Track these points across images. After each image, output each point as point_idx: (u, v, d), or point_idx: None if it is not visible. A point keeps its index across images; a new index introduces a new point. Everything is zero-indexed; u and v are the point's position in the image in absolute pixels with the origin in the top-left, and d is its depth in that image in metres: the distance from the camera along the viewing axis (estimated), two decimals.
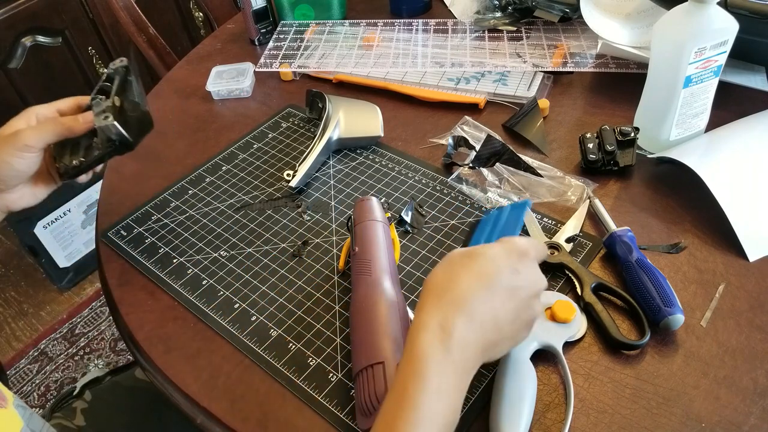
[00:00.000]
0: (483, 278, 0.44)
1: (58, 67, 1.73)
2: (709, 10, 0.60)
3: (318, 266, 0.64)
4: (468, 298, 0.43)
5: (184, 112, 0.90)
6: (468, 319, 0.43)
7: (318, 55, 0.94)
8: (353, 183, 0.73)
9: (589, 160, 0.69)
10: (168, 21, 1.95)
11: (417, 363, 0.41)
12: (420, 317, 0.43)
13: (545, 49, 0.89)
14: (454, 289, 0.44)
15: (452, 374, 0.41)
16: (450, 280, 0.45)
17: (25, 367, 1.56)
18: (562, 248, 0.60)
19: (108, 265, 0.67)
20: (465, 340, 0.42)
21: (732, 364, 0.51)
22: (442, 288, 0.44)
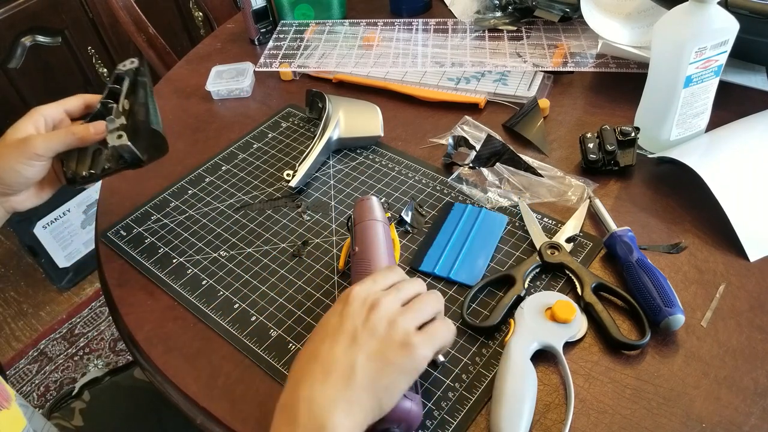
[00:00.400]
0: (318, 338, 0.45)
1: (57, 67, 1.73)
2: (710, 10, 0.60)
3: (318, 266, 0.64)
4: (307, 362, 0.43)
5: (183, 111, 0.90)
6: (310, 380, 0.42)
7: (318, 55, 0.94)
8: (353, 183, 0.73)
9: (590, 160, 0.68)
10: (168, 21, 1.95)
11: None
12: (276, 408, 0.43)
13: (545, 49, 0.89)
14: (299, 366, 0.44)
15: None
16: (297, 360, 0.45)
17: (24, 367, 1.56)
18: (562, 248, 0.60)
19: (108, 265, 0.67)
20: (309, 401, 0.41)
21: (732, 365, 0.51)
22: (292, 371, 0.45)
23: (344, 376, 0.42)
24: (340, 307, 0.46)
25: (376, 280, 0.48)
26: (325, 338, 0.44)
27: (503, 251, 0.63)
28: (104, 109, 0.64)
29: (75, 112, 0.64)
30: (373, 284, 0.47)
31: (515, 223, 0.65)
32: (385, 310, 0.45)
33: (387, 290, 0.47)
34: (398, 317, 0.44)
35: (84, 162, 0.62)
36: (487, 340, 0.55)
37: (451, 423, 0.49)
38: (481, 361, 0.53)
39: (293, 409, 0.41)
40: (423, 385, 0.52)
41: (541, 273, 0.60)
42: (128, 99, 0.65)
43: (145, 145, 0.62)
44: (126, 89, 0.65)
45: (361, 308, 0.45)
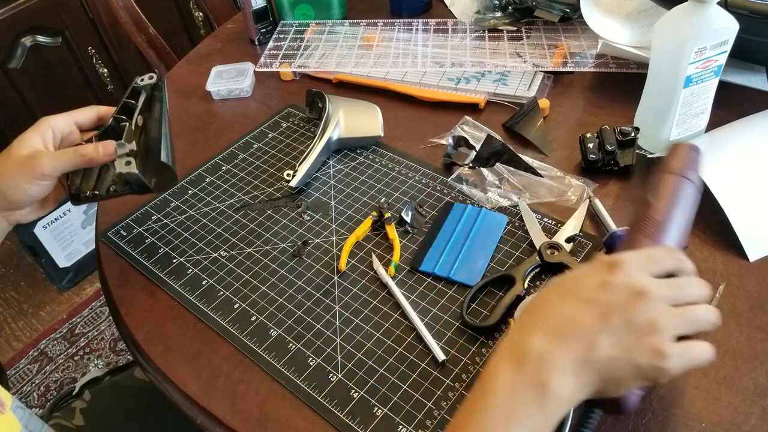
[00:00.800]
0: (565, 293, 0.42)
1: (58, 67, 1.73)
2: (710, 10, 0.60)
3: (318, 266, 0.64)
4: (546, 312, 0.41)
5: (184, 111, 0.90)
6: (547, 334, 0.39)
7: (318, 55, 0.94)
8: (353, 183, 0.73)
9: (590, 160, 0.68)
10: (168, 21, 1.95)
11: (485, 381, 0.39)
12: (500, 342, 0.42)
13: (545, 49, 0.89)
14: (535, 310, 0.42)
15: (526, 389, 0.38)
16: (534, 305, 0.43)
17: (25, 367, 1.56)
18: (562, 248, 0.60)
19: (108, 265, 0.67)
20: (543, 355, 0.39)
21: (732, 364, 0.51)
22: (526, 314, 0.43)
23: (583, 349, 0.39)
24: (604, 272, 0.41)
25: (656, 259, 0.42)
26: (575, 299, 0.41)
27: (503, 251, 0.63)
28: (116, 124, 0.63)
29: (86, 124, 0.62)
30: (650, 263, 0.42)
31: (515, 223, 0.65)
32: (652, 308, 0.39)
33: (663, 281, 0.41)
34: (662, 320, 0.39)
35: (89, 178, 0.61)
36: (487, 340, 0.55)
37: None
38: (481, 361, 0.53)
39: (523, 353, 0.39)
40: None
41: (540, 273, 0.60)
42: (142, 115, 0.64)
43: (153, 173, 0.61)
44: (141, 105, 0.64)
45: (627, 290, 0.40)
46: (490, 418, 0.37)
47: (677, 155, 0.52)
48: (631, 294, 0.40)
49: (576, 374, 0.38)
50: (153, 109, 0.65)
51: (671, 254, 0.43)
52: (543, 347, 0.39)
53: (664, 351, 0.38)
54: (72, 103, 1.91)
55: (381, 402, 0.51)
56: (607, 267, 0.41)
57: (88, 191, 0.61)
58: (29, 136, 0.57)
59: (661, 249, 0.43)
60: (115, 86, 1.90)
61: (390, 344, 0.56)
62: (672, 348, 0.39)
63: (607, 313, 0.39)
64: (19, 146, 0.56)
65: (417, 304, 0.59)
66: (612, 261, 0.41)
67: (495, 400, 0.38)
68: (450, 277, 0.60)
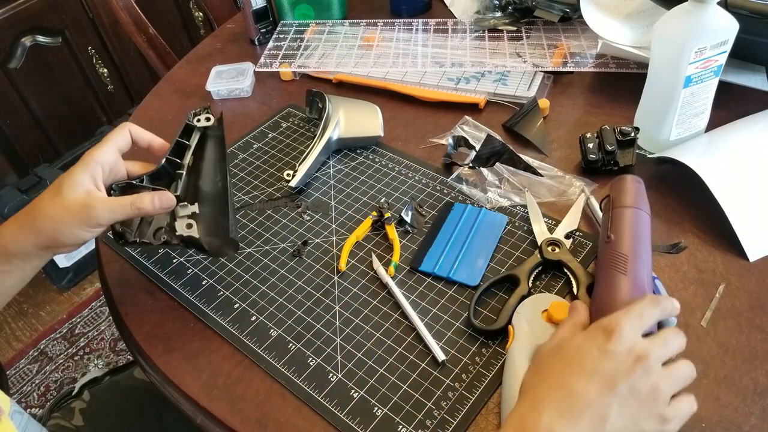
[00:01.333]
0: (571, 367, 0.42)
1: (58, 67, 1.73)
2: (709, 10, 0.60)
3: (318, 266, 0.64)
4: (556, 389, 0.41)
5: (184, 112, 0.89)
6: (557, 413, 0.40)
7: (318, 55, 0.94)
8: (353, 183, 0.73)
9: (590, 160, 0.69)
10: (168, 21, 1.95)
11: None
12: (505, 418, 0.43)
13: (545, 49, 0.89)
14: (541, 384, 0.43)
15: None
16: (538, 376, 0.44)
17: (24, 367, 1.56)
18: (562, 245, 0.60)
19: (108, 265, 0.67)
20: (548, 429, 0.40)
21: (732, 364, 0.51)
22: (530, 385, 0.44)
23: (594, 423, 0.40)
24: (602, 340, 0.43)
25: (644, 316, 0.44)
26: (580, 372, 0.42)
27: (503, 251, 0.63)
28: (169, 165, 0.62)
29: (125, 147, 0.60)
30: (641, 322, 0.44)
31: (515, 223, 0.65)
32: (652, 373, 0.41)
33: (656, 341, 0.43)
34: (662, 385, 0.41)
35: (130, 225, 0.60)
36: (487, 340, 0.55)
37: (451, 423, 0.49)
38: (481, 361, 0.53)
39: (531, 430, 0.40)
40: None
41: (541, 272, 0.60)
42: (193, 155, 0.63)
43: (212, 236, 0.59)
44: (194, 145, 0.64)
45: (628, 356, 0.41)
46: None
47: (626, 190, 0.57)
48: (632, 361, 0.41)
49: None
50: (205, 149, 0.64)
51: (655, 305, 0.45)
52: (552, 425, 0.39)
53: (666, 416, 0.41)
54: (72, 103, 1.92)
55: (381, 402, 0.51)
56: (604, 334, 0.43)
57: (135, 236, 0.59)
58: (79, 177, 0.54)
59: (646, 302, 0.45)
60: (115, 86, 1.90)
61: (390, 344, 0.56)
62: (671, 412, 0.41)
63: (614, 383, 0.40)
64: (71, 188, 0.54)
65: (417, 304, 0.59)
66: (608, 327, 0.43)
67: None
68: (450, 277, 0.60)
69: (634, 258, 0.52)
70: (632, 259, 0.52)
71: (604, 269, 0.53)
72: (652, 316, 0.45)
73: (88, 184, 0.54)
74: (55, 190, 0.54)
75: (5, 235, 0.55)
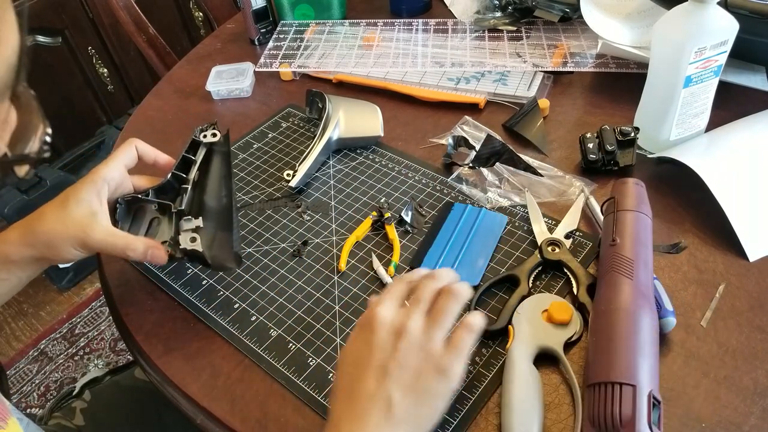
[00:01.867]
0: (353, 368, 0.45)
1: (58, 67, 1.73)
2: (709, 10, 0.60)
3: (318, 266, 0.64)
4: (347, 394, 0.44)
5: (184, 111, 0.90)
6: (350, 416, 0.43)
7: (318, 55, 0.94)
8: (353, 183, 0.73)
9: (590, 160, 0.69)
10: (168, 21, 1.95)
11: None
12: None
13: (545, 49, 0.89)
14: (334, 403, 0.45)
15: None
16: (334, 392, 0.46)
17: (25, 367, 1.56)
18: (562, 245, 0.60)
19: (108, 265, 0.67)
20: None
21: (732, 364, 0.51)
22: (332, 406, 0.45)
23: (382, 412, 0.42)
24: (365, 335, 0.45)
25: (394, 294, 0.48)
26: (357, 372, 0.44)
27: (503, 251, 0.63)
28: (174, 180, 0.62)
29: (132, 163, 0.61)
30: (393, 301, 0.47)
31: (515, 223, 0.65)
32: (413, 337, 0.44)
33: (410, 309, 0.46)
34: (427, 343, 0.44)
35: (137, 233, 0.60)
36: (487, 340, 0.55)
37: (451, 423, 0.49)
38: (481, 361, 0.53)
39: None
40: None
41: (541, 272, 0.60)
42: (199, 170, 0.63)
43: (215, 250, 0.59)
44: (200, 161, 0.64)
45: (389, 337, 0.44)
46: None
47: (628, 194, 0.58)
48: (394, 340, 0.44)
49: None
50: (211, 165, 0.65)
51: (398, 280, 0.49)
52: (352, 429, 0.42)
53: (443, 366, 0.44)
54: (72, 103, 1.92)
55: None
56: (366, 327, 0.45)
57: None
58: (85, 195, 0.55)
59: (394, 284, 0.49)
60: (115, 86, 1.90)
61: None
62: (446, 359, 0.44)
63: (385, 365, 0.43)
64: (76, 205, 0.54)
65: None
66: (367, 322, 0.46)
67: None
68: None
69: (638, 262, 0.52)
70: (636, 263, 0.52)
71: (608, 272, 0.53)
72: (401, 289, 0.48)
73: (94, 203, 0.55)
74: (60, 204, 0.55)
75: (9, 244, 0.56)
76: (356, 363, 0.45)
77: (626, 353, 0.46)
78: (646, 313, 0.49)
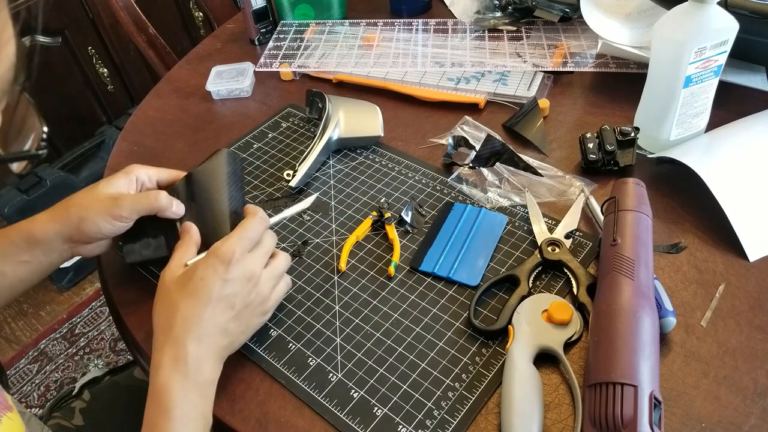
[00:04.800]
0: (198, 299, 0.50)
1: (58, 67, 1.73)
2: (709, 10, 0.60)
3: (318, 266, 0.64)
4: (191, 322, 0.49)
5: (184, 111, 0.90)
6: (197, 341, 0.49)
7: (318, 55, 0.94)
8: (353, 183, 0.73)
9: (590, 160, 0.69)
10: (168, 21, 1.95)
11: (160, 398, 0.47)
12: (155, 357, 0.49)
13: (545, 49, 0.89)
14: (176, 320, 0.50)
15: (193, 392, 0.48)
16: (170, 312, 0.50)
17: (24, 367, 1.56)
18: (562, 245, 0.60)
19: (108, 265, 0.67)
20: (199, 359, 0.49)
21: (732, 364, 0.51)
22: (167, 323, 0.50)
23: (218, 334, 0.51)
24: (222, 271, 0.51)
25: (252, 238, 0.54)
26: (207, 302, 0.50)
27: (503, 251, 0.63)
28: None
29: (166, 183, 0.64)
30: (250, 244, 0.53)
31: (515, 223, 0.65)
32: (260, 284, 0.53)
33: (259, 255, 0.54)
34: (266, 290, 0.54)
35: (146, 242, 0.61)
36: (487, 340, 0.55)
37: (451, 423, 0.49)
38: (481, 361, 0.53)
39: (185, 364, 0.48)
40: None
41: (541, 272, 0.60)
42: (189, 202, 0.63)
43: None
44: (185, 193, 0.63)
45: (243, 280, 0.52)
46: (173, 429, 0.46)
47: (628, 193, 0.58)
48: (245, 282, 0.52)
49: (220, 359, 0.51)
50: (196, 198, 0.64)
51: (257, 223, 0.55)
52: (199, 354, 0.49)
53: (267, 309, 0.55)
54: (72, 103, 1.92)
55: (381, 402, 0.51)
56: (222, 264, 0.51)
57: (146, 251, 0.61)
58: (117, 180, 0.60)
59: (249, 224, 0.54)
60: (115, 86, 1.90)
61: (390, 344, 0.56)
62: (270, 303, 0.55)
63: (234, 304, 0.51)
64: (107, 185, 0.59)
65: (417, 304, 0.59)
66: (225, 258, 0.51)
67: (173, 413, 0.46)
68: (450, 277, 0.60)
69: (639, 262, 0.52)
70: (637, 263, 0.52)
71: (608, 272, 0.53)
72: (258, 231, 0.54)
73: (122, 187, 0.60)
74: (93, 186, 0.60)
75: (36, 222, 0.59)
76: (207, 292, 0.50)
77: (627, 353, 0.46)
78: (647, 313, 0.49)
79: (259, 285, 0.53)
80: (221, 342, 0.51)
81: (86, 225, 0.57)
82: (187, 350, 0.48)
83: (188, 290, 0.51)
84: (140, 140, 0.86)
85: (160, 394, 0.47)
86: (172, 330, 0.49)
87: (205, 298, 0.50)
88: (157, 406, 0.47)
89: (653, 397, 0.44)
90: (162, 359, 0.48)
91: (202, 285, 0.50)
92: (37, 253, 0.59)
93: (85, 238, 0.59)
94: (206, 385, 0.49)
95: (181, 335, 0.49)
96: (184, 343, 0.49)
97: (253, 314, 0.53)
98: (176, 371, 0.48)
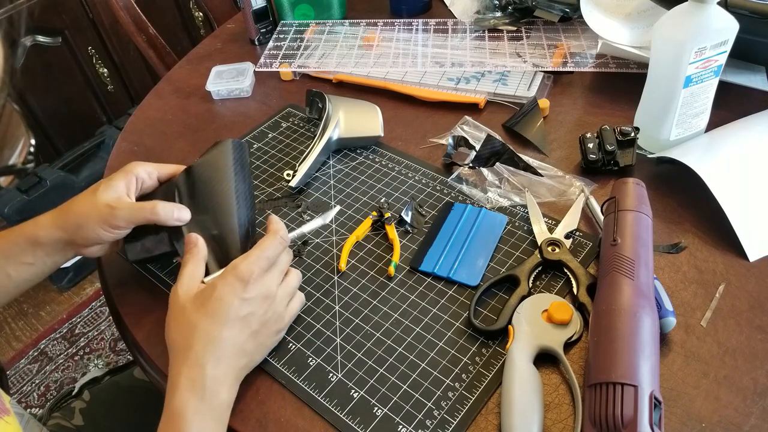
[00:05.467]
0: (217, 318, 0.50)
1: (58, 67, 1.73)
2: (709, 10, 0.60)
3: (318, 266, 0.64)
4: (209, 342, 0.49)
5: (184, 111, 0.90)
6: (215, 361, 0.49)
7: (318, 55, 0.94)
8: (353, 183, 0.73)
9: (590, 160, 0.69)
10: (168, 21, 1.95)
11: (175, 421, 0.46)
12: (171, 377, 0.49)
13: (545, 49, 0.89)
14: (194, 340, 0.49)
15: (209, 416, 0.47)
16: (188, 332, 0.50)
17: (25, 367, 1.56)
18: (562, 245, 0.60)
19: (108, 265, 0.67)
20: (217, 381, 0.48)
21: (732, 364, 0.51)
22: (185, 342, 0.50)
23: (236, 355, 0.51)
24: (239, 289, 0.51)
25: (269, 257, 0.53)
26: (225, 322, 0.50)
27: (503, 251, 0.63)
28: None
29: (166, 178, 0.64)
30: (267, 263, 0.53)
31: (515, 223, 0.65)
32: (276, 304, 0.53)
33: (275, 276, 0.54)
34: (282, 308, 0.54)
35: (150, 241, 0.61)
36: (487, 340, 0.55)
37: (451, 423, 0.49)
38: (481, 361, 0.53)
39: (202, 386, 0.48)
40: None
41: (541, 272, 0.60)
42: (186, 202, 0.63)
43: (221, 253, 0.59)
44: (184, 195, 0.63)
45: (260, 300, 0.52)
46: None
47: (628, 194, 0.58)
48: (261, 301, 0.52)
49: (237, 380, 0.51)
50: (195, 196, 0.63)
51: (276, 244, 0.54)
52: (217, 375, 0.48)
53: (282, 328, 0.55)
54: (72, 103, 1.92)
55: (381, 402, 0.51)
56: (240, 284, 0.51)
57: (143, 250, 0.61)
58: (116, 183, 0.59)
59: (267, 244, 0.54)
60: (115, 86, 1.90)
61: (390, 344, 0.56)
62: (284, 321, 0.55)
63: (250, 324, 0.51)
64: (106, 190, 0.58)
65: (417, 304, 0.59)
66: (243, 277, 0.51)
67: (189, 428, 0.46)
68: (450, 277, 0.60)
69: (639, 262, 0.52)
70: (637, 263, 0.52)
71: (608, 272, 0.53)
72: (278, 251, 0.54)
73: (121, 190, 0.59)
74: (92, 190, 0.59)
75: (39, 225, 0.59)
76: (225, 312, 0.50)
77: (627, 353, 0.46)
78: (647, 313, 0.49)
79: (275, 303, 0.53)
80: (239, 362, 0.51)
81: (85, 232, 0.57)
82: (205, 372, 0.48)
83: (207, 310, 0.50)
84: (140, 140, 0.86)
85: (175, 416, 0.46)
86: (190, 350, 0.49)
87: (224, 317, 0.50)
88: (170, 427, 0.46)
89: (653, 397, 0.44)
90: (179, 380, 0.48)
91: (220, 304, 0.50)
92: (41, 255, 0.60)
93: (87, 243, 0.59)
94: (222, 409, 0.49)
95: (200, 356, 0.48)
96: (202, 364, 0.48)
97: (268, 333, 0.53)
98: (193, 394, 0.47)
